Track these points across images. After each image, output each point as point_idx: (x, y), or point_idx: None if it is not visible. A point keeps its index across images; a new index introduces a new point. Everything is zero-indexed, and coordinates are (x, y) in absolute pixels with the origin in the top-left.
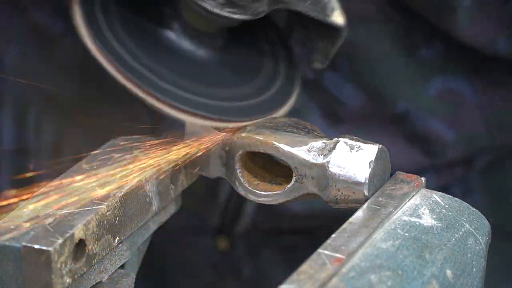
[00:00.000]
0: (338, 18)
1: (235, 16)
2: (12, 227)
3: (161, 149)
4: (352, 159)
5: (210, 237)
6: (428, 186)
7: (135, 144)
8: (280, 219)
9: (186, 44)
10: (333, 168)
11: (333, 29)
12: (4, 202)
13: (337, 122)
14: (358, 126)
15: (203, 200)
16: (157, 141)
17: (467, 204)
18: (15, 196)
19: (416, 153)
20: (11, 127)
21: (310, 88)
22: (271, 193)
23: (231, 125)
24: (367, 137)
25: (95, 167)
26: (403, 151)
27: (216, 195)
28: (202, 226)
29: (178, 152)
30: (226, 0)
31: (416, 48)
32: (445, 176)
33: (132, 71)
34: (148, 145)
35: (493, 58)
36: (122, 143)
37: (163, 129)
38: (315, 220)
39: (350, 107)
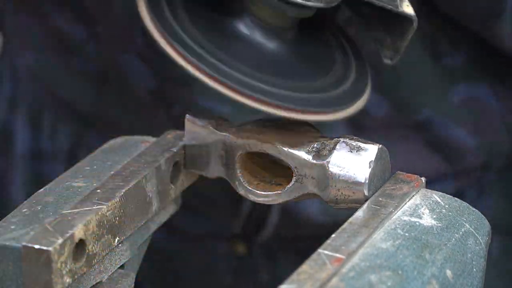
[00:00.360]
0: (408, 8)
1: (309, 3)
2: (12, 227)
3: None
4: (352, 159)
5: (229, 243)
6: (446, 191)
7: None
8: (302, 228)
9: (257, 37)
10: (333, 168)
11: (403, 21)
12: None
13: (360, 131)
14: (380, 135)
15: (225, 208)
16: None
17: (467, 204)
18: None
19: (437, 161)
20: (25, 131)
21: None
22: (271, 193)
23: (322, 117)
24: (388, 145)
25: (95, 167)
26: (424, 158)
27: (240, 204)
28: (222, 232)
29: None
30: None
31: (441, 56)
32: (463, 180)
33: (209, 65)
34: None
35: None
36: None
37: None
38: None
39: (374, 116)
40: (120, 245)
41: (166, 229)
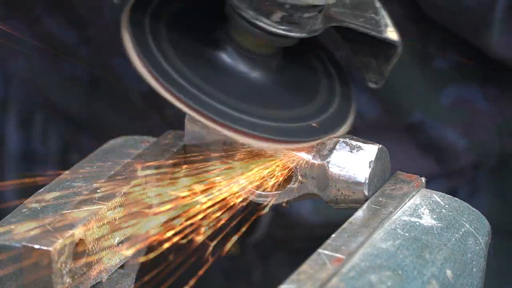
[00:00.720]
0: (392, 34)
1: (291, 34)
2: (12, 227)
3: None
4: (352, 159)
5: (221, 243)
6: (439, 190)
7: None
8: (294, 229)
9: (241, 66)
10: (333, 168)
11: (387, 46)
12: None
13: (352, 132)
14: (372, 136)
15: None
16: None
17: (467, 204)
18: None
19: (429, 162)
20: (16, 132)
21: None
22: (271, 193)
23: (299, 145)
24: None
25: (95, 167)
26: (416, 160)
27: None
28: (215, 233)
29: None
30: (281, 18)
31: (430, 58)
32: (455, 180)
33: (191, 97)
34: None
35: (508, 68)
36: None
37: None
38: (330, 229)
39: (365, 118)
40: (120, 245)
41: None
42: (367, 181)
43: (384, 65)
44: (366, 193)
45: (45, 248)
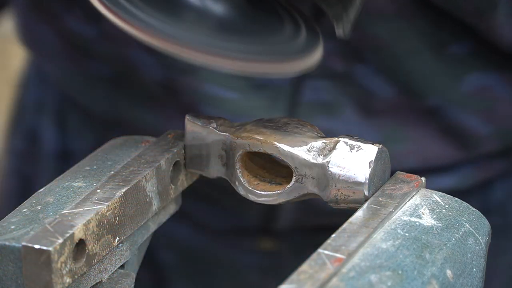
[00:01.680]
0: None
1: None
2: (12, 227)
3: None
4: (352, 159)
5: (254, 238)
6: (467, 180)
7: None
8: (318, 216)
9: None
10: (333, 168)
11: None
12: None
13: (370, 114)
14: (392, 118)
15: (242, 200)
16: None
17: (467, 204)
18: None
19: (452, 146)
20: (52, 131)
21: (340, 81)
22: (271, 193)
23: (281, 67)
24: (401, 129)
25: (95, 167)
26: (439, 144)
27: None
28: (244, 227)
29: None
30: None
31: (445, 45)
32: (485, 170)
33: (154, 28)
34: None
35: None
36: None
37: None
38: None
39: (382, 98)
40: (120, 245)
41: (192, 225)
42: (367, 181)
43: (344, 14)
44: (366, 193)
45: (45, 248)
